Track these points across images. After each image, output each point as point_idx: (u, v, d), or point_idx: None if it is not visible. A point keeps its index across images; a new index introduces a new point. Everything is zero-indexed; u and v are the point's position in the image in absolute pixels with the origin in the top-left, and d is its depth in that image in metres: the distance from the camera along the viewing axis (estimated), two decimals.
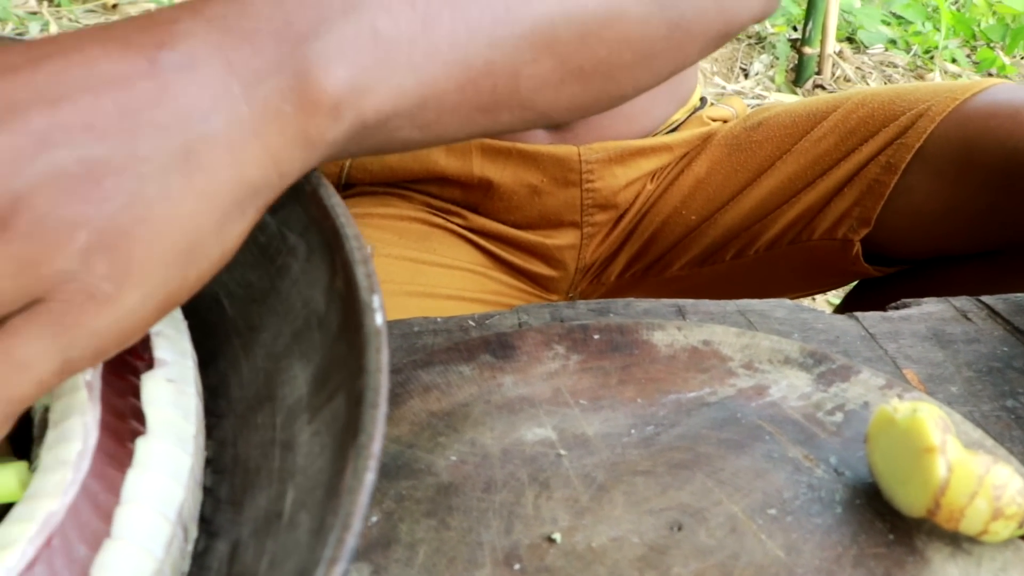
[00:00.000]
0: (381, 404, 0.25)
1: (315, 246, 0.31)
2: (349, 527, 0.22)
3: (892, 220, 0.66)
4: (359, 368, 0.26)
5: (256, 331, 0.33)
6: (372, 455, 0.23)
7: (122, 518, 0.27)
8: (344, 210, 0.31)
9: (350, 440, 0.24)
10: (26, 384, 0.23)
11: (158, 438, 0.28)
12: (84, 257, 0.23)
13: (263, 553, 0.26)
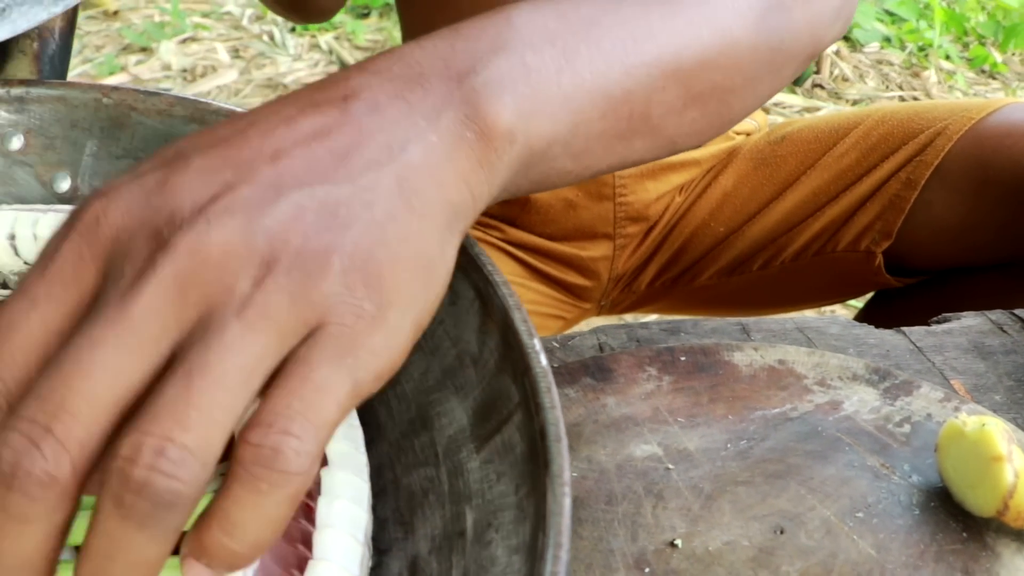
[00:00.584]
0: (563, 438, 0.29)
1: (461, 292, 0.36)
2: (561, 545, 0.26)
3: (912, 233, 0.71)
4: (537, 405, 0.30)
5: (409, 365, 0.37)
6: (566, 483, 0.28)
7: (321, 541, 0.31)
8: (488, 259, 0.36)
9: (540, 470, 0.29)
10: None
11: (339, 468, 0.33)
12: (344, 280, 0.25)
13: (451, 567, 0.31)
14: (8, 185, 0.46)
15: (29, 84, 0.45)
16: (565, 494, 0.28)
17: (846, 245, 0.75)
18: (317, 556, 0.30)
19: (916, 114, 0.73)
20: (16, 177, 0.46)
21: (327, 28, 1.73)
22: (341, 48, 1.68)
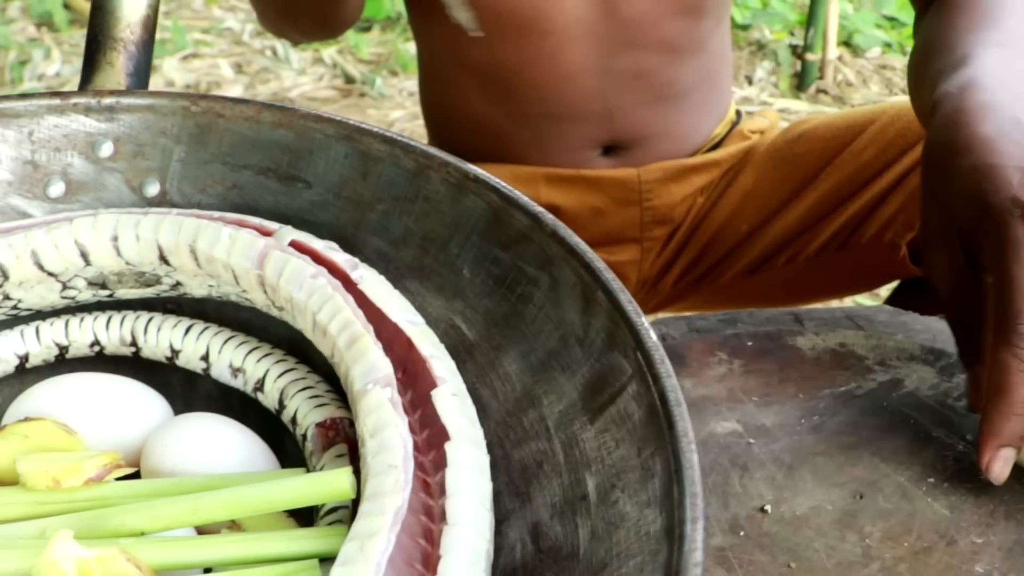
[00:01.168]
0: (683, 402, 0.32)
1: (561, 278, 0.39)
2: (697, 494, 0.29)
3: None
4: (653, 375, 0.33)
5: (501, 349, 0.40)
6: (692, 440, 0.31)
7: (454, 508, 0.34)
8: (586, 247, 0.39)
9: (664, 432, 0.32)
10: None
11: (461, 442, 0.36)
12: None
13: (576, 528, 0.34)
14: (98, 191, 0.48)
15: (119, 94, 0.48)
16: (692, 451, 0.31)
17: (870, 238, 0.78)
18: (451, 522, 0.33)
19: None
20: (106, 183, 0.48)
21: (330, 42, 1.76)
22: (345, 62, 1.71)
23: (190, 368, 0.45)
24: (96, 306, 0.47)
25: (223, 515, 0.35)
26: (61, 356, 0.46)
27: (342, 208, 0.46)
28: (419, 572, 0.32)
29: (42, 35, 1.67)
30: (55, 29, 1.68)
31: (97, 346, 0.46)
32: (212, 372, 0.44)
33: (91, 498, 0.37)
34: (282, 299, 0.41)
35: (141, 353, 0.46)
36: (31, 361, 0.46)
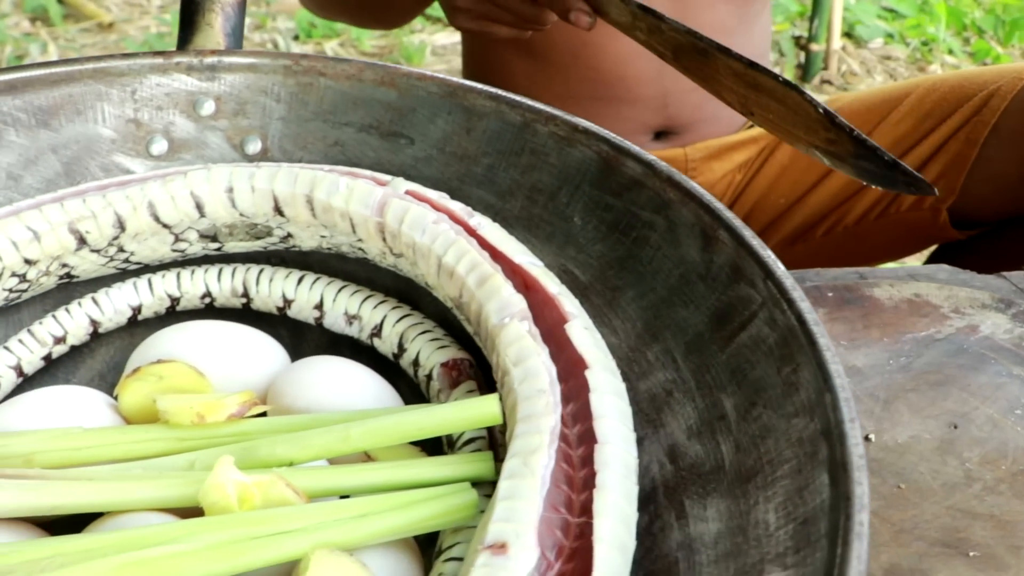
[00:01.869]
0: (819, 322, 0.35)
1: (678, 220, 0.42)
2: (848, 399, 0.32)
3: (974, 188, 0.79)
4: (788, 300, 0.36)
5: (618, 290, 0.43)
6: (835, 354, 0.34)
7: (602, 428, 0.36)
8: (703, 190, 0.42)
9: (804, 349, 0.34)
10: None
11: (599, 369, 0.38)
12: None
13: (718, 444, 0.36)
14: (200, 149, 0.50)
15: (220, 53, 0.50)
16: (836, 363, 0.34)
17: (910, 205, 0.82)
18: (602, 440, 0.36)
19: (966, 79, 0.81)
20: (208, 141, 0.50)
21: (331, 35, 1.78)
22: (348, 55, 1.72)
23: (300, 318, 0.47)
24: (202, 260, 0.49)
25: (375, 443, 0.37)
26: (172, 308, 0.48)
27: (446, 163, 0.48)
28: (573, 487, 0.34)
29: (37, 29, 1.68)
30: (50, 24, 1.68)
31: (208, 298, 0.48)
32: (325, 321, 0.47)
33: (233, 433, 0.39)
34: (403, 245, 0.43)
35: (252, 304, 0.48)
36: (143, 313, 0.47)
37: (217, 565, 0.32)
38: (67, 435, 0.39)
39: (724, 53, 0.46)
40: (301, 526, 0.34)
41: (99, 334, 0.47)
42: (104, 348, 0.48)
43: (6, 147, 0.48)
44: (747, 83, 0.45)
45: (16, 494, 0.35)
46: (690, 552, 0.34)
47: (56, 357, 0.46)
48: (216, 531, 0.33)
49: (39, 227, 0.44)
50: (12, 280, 0.44)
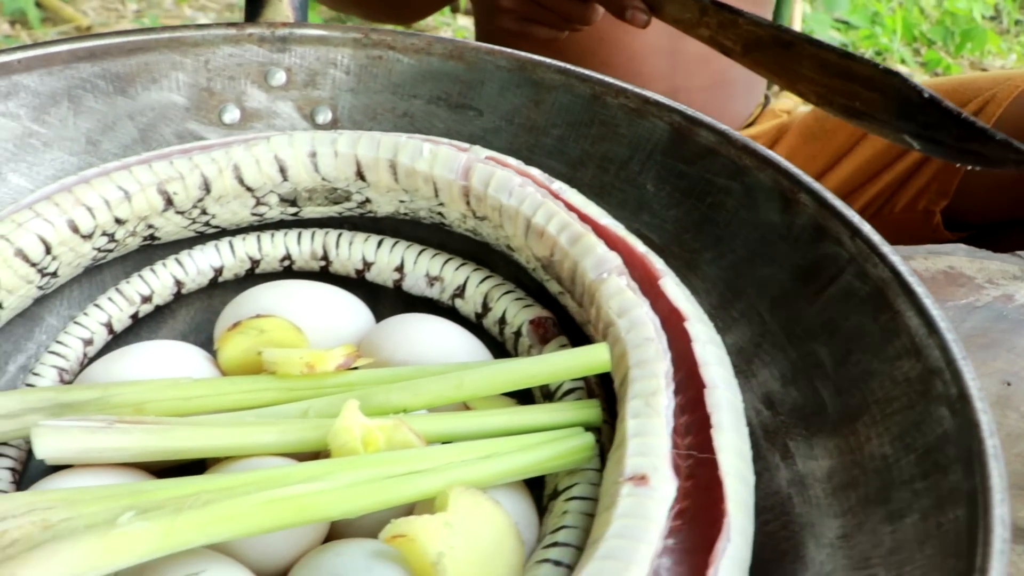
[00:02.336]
0: (915, 274, 0.37)
1: (755, 184, 0.44)
2: (957, 340, 0.34)
3: (967, 191, 0.82)
4: (879, 255, 0.38)
5: (696, 253, 0.45)
6: (933, 301, 0.36)
7: (708, 374, 0.38)
8: (778, 156, 0.44)
9: (902, 298, 0.37)
10: None
11: (696, 320, 0.40)
12: None
13: (815, 390, 0.38)
14: (271, 118, 0.51)
15: (291, 26, 0.51)
16: (937, 308, 0.36)
17: (903, 206, 0.85)
18: (710, 385, 0.37)
19: (961, 85, 0.85)
20: (279, 111, 0.51)
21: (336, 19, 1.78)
22: None
23: (379, 281, 0.48)
24: (278, 226, 0.49)
25: (490, 389, 0.38)
26: (251, 271, 0.48)
27: (515, 134, 0.50)
28: (691, 428, 0.36)
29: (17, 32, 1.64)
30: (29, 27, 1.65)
31: (287, 260, 0.48)
32: (405, 283, 0.48)
33: (339, 384, 0.40)
34: (487, 208, 0.44)
35: (331, 268, 0.48)
36: (223, 275, 0.48)
37: (358, 502, 0.33)
38: (176, 385, 0.39)
39: (814, 44, 0.48)
40: (433, 466, 0.35)
41: (181, 295, 0.47)
42: (184, 310, 0.48)
43: (85, 113, 0.48)
44: (835, 73, 0.46)
45: (140, 437, 0.36)
46: (803, 487, 0.36)
47: (141, 316, 0.46)
48: (354, 470, 0.34)
49: (130, 187, 0.44)
50: (102, 239, 0.44)
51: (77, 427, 0.35)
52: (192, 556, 0.33)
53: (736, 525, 0.33)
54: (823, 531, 0.34)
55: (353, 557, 0.33)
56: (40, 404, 0.38)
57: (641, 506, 0.32)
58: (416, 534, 0.32)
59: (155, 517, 0.31)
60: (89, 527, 0.31)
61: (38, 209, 0.43)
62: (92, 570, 0.30)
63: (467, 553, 0.33)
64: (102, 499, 0.32)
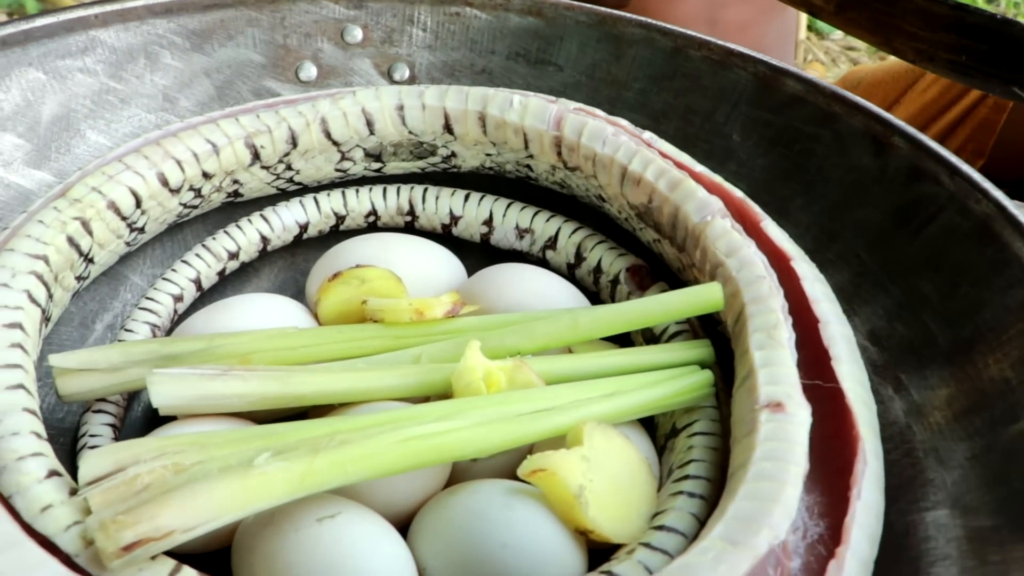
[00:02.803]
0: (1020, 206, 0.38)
1: (845, 131, 0.44)
2: None
3: (1002, 151, 0.83)
4: (981, 192, 0.39)
5: (787, 199, 0.45)
6: None
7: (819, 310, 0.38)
8: (866, 101, 0.44)
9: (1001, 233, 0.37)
10: None
11: (799, 260, 0.40)
12: None
13: (923, 323, 0.39)
14: (348, 76, 0.51)
15: None
16: None
17: None
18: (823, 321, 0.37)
19: None
20: (355, 68, 0.51)
21: None
22: None
23: (465, 236, 0.48)
24: (359, 182, 0.49)
25: (604, 330, 0.38)
26: (335, 227, 0.48)
27: (596, 88, 0.50)
28: (809, 360, 0.36)
29: None
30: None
31: (372, 216, 0.48)
32: (493, 237, 0.47)
33: (448, 330, 0.40)
34: (580, 158, 0.44)
35: (416, 223, 0.48)
36: (308, 232, 0.48)
37: (492, 440, 0.33)
38: (282, 335, 0.39)
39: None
40: (560, 404, 0.35)
41: (266, 252, 0.47)
42: (268, 268, 0.48)
43: (163, 69, 0.47)
44: (943, 26, 0.46)
45: (258, 384, 0.35)
46: (921, 416, 0.36)
47: (228, 274, 0.46)
48: (485, 408, 0.34)
49: (218, 140, 0.44)
50: (188, 194, 0.44)
51: (193, 375, 0.35)
52: (324, 500, 0.33)
53: (870, 448, 0.33)
54: (950, 455, 0.34)
55: (489, 495, 0.33)
56: (143, 357, 0.38)
57: (783, 430, 0.32)
58: (556, 468, 0.33)
59: (292, 458, 0.31)
60: (224, 469, 0.30)
61: (128, 161, 0.42)
62: (233, 511, 0.30)
63: (605, 486, 0.33)
64: (234, 442, 0.32)
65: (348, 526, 0.32)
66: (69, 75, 0.45)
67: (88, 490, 0.30)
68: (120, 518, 0.29)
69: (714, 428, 0.37)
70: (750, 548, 0.28)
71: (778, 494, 0.30)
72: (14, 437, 0.32)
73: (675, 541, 0.32)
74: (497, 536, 0.32)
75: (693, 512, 0.33)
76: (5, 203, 0.43)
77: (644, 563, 0.31)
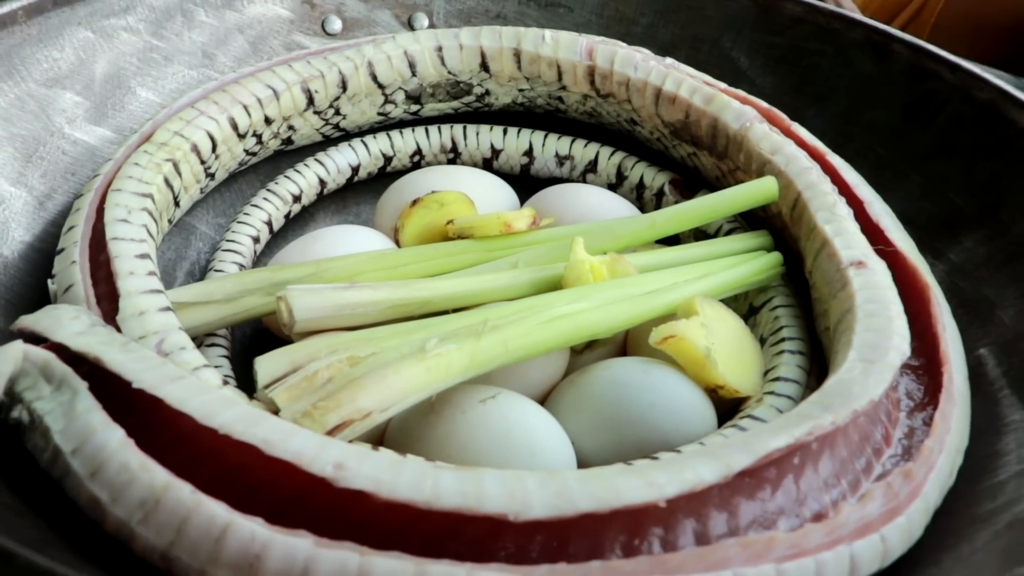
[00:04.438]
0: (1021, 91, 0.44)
1: (847, 43, 0.50)
2: None
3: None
4: (982, 80, 0.45)
5: (799, 110, 0.50)
6: None
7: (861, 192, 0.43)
8: (862, 16, 0.50)
9: (1009, 109, 0.44)
10: None
11: (832, 154, 0.45)
12: None
13: (949, 199, 0.44)
14: (371, 27, 0.53)
15: None
16: None
17: None
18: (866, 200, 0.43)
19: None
20: (378, 19, 0.53)
21: None
22: None
23: (506, 169, 0.51)
24: (397, 126, 0.52)
25: (680, 225, 0.42)
26: (383, 168, 0.50)
27: (606, 25, 0.54)
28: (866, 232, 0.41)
29: None
30: None
31: (417, 155, 0.51)
32: (534, 167, 0.51)
33: (533, 240, 0.43)
34: (613, 85, 0.49)
35: (459, 159, 0.51)
36: (359, 174, 0.50)
37: (620, 316, 0.37)
38: (383, 256, 0.41)
39: None
40: (666, 285, 0.39)
41: (323, 195, 0.49)
42: (322, 212, 0.50)
43: (199, 27, 0.49)
44: None
45: (388, 292, 0.38)
46: (963, 273, 0.42)
47: (292, 217, 0.48)
48: (607, 291, 0.38)
49: (277, 86, 0.46)
50: (251, 140, 0.46)
51: (327, 289, 0.37)
52: (477, 385, 0.36)
53: (937, 299, 0.38)
54: (1000, 300, 0.40)
55: (626, 367, 0.37)
56: (257, 285, 0.40)
57: (873, 280, 0.37)
58: (684, 333, 0.36)
59: (459, 341, 0.34)
60: (401, 357, 0.33)
61: (200, 107, 0.44)
62: (419, 391, 0.33)
63: (723, 346, 0.37)
64: (400, 333, 0.34)
65: (509, 403, 0.35)
66: (115, 34, 0.46)
67: (272, 388, 0.32)
68: (322, 404, 0.31)
69: (792, 301, 0.41)
70: (886, 364, 0.33)
71: (891, 323, 0.35)
72: (183, 351, 0.33)
73: (793, 388, 0.37)
74: (643, 398, 0.35)
75: (799, 365, 0.38)
76: (74, 159, 0.43)
77: (775, 406, 0.36)
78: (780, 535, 0.28)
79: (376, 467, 0.26)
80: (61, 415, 0.28)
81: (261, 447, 0.27)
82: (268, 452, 0.26)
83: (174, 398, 0.28)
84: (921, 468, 0.31)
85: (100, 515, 0.27)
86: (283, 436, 0.27)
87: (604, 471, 0.28)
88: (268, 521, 0.25)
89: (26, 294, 0.39)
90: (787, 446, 0.29)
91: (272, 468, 0.26)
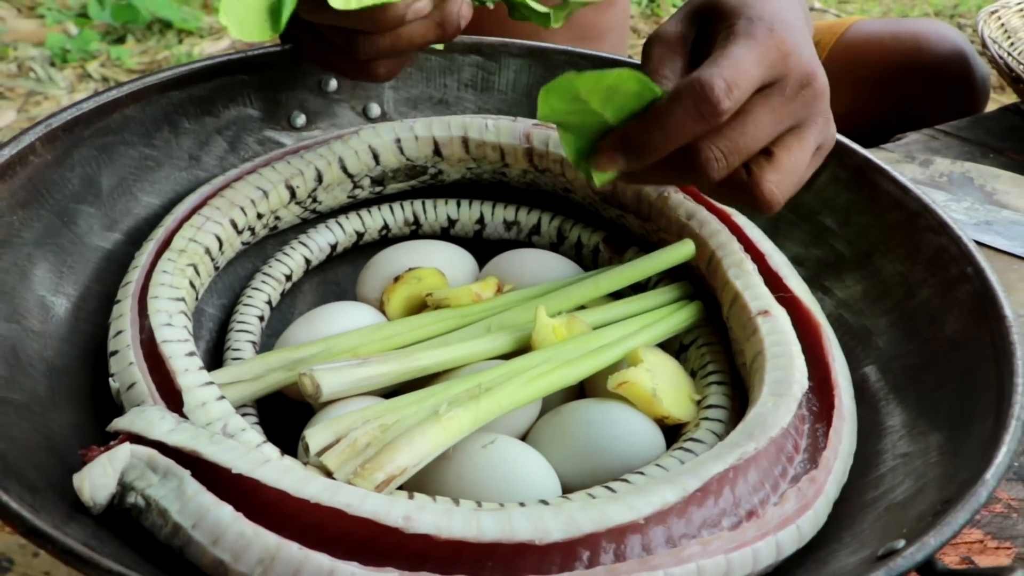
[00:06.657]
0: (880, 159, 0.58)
1: None
2: (921, 190, 0.55)
3: None
4: (849, 152, 0.58)
5: None
6: (892, 168, 0.57)
7: (762, 247, 0.56)
8: None
9: (874, 174, 0.57)
10: None
11: (737, 214, 0.58)
12: None
13: (831, 245, 0.58)
14: (332, 118, 0.63)
15: None
16: (899, 174, 0.56)
17: None
18: (767, 253, 0.56)
19: None
20: (336, 111, 0.64)
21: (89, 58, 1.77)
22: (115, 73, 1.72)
23: (461, 234, 0.62)
24: (365, 204, 0.62)
25: (619, 284, 0.54)
26: (356, 242, 0.61)
27: (534, 105, 0.65)
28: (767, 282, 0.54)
29: None
30: None
31: (385, 230, 0.61)
32: (486, 231, 0.62)
33: (499, 305, 0.54)
34: (550, 162, 0.60)
35: (420, 230, 0.62)
36: (337, 250, 0.60)
37: (586, 367, 0.48)
38: (379, 328, 0.52)
39: None
40: (615, 339, 0.51)
41: (308, 270, 0.59)
42: (308, 285, 0.60)
43: (184, 133, 0.58)
44: None
45: (393, 364, 0.48)
46: (847, 307, 0.55)
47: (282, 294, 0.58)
48: (570, 348, 0.49)
49: (265, 186, 0.56)
50: (247, 234, 0.55)
51: (346, 366, 0.47)
52: (477, 433, 0.47)
53: (827, 335, 0.51)
54: (876, 329, 0.53)
55: (590, 407, 0.48)
56: (279, 364, 0.49)
57: (777, 326, 0.49)
58: (635, 379, 0.48)
59: (464, 404, 0.45)
60: (420, 423, 0.44)
61: (205, 213, 0.53)
62: (440, 447, 0.43)
63: (665, 384, 0.49)
64: (414, 403, 0.45)
65: (506, 446, 0.46)
66: (113, 148, 0.55)
67: (324, 455, 0.42)
68: (368, 465, 0.42)
69: (714, 339, 0.54)
70: (791, 396, 0.45)
71: (792, 362, 0.47)
72: (244, 432, 0.43)
73: (722, 413, 0.49)
74: (607, 432, 0.47)
75: (725, 393, 0.50)
76: (95, 264, 0.52)
77: (710, 429, 0.48)
78: (725, 533, 0.40)
79: (434, 515, 0.37)
80: (175, 498, 0.38)
81: (345, 510, 0.37)
82: (351, 513, 0.37)
83: (268, 478, 0.38)
84: (822, 473, 0.44)
85: (223, 573, 0.37)
86: (360, 500, 0.37)
87: (596, 501, 0.40)
88: (362, 564, 0.36)
89: (78, 386, 0.48)
90: (724, 469, 0.41)
91: (356, 524, 0.37)
